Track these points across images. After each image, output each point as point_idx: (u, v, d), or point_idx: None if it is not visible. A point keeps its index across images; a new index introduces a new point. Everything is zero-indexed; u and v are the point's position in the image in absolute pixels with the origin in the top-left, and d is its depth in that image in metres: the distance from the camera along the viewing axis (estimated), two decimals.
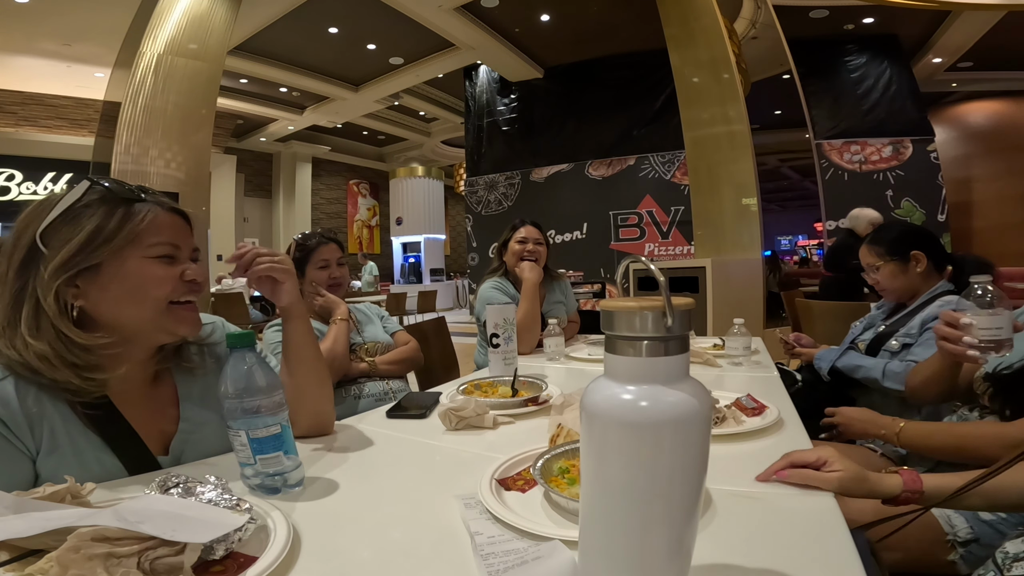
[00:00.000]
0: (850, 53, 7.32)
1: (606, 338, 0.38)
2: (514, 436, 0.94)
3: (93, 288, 0.71)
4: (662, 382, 0.35)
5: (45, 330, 0.68)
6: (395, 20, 6.53)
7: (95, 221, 0.70)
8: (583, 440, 0.38)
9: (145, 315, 0.74)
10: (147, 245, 0.73)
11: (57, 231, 0.69)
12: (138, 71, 4.38)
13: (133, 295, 0.72)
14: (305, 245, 1.59)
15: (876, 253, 1.47)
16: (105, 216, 0.70)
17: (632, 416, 0.35)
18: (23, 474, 0.67)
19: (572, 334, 2.09)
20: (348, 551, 0.55)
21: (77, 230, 0.69)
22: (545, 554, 0.49)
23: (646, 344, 0.35)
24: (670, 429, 0.35)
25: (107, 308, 0.72)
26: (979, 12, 6.14)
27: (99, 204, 0.71)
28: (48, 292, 0.67)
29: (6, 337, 0.68)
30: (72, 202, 0.70)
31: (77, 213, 0.70)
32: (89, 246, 0.69)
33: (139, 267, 0.72)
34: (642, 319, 0.35)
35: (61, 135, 7.87)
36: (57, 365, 0.67)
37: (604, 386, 0.37)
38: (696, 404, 0.35)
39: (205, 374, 0.86)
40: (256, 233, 11.65)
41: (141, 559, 0.45)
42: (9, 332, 0.68)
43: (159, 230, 0.74)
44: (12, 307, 0.69)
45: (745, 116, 4.44)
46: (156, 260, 0.74)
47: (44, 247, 0.68)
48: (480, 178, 8.81)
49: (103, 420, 0.72)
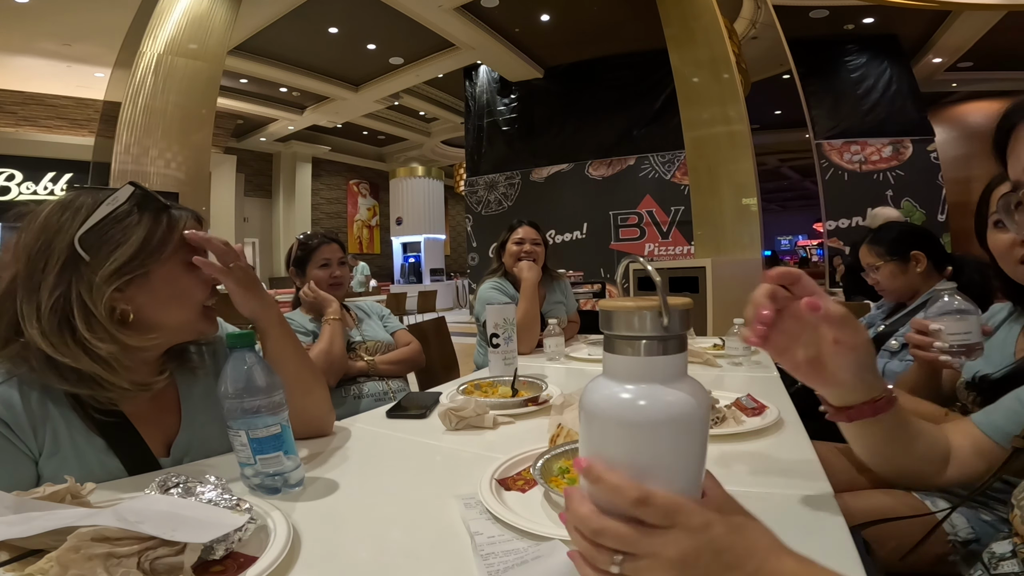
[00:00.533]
0: (850, 53, 7.32)
1: (605, 338, 0.38)
2: (514, 436, 0.94)
3: (141, 293, 0.71)
4: (660, 381, 0.35)
5: (102, 335, 0.67)
6: (395, 20, 6.53)
7: (145, 227, 0.71)
8: (582, 439, 0.39)
9: (186, 317, 0.77)
10: (187, 250, 0.76)
11: (101, 236, 0.68)
12: (138, 71, 4.38)
13: (178, 299, 0.75)
14: (307, 245, 1.60)
15: (876, 253, 1.47)
16: (153, 223, 0.72)
17: (630, 415, 0.35)
18: (25, 475, 0.67)
19: (572, 334, 2.09)
20: (348, 551, 0.55)
21: (127, 236, 0.69)
22: (545, 553, 0.49)
23: (644, 343, 0.36)
24: (668, 428, 0.35)
25: (153, 311, 0.73)
26: (979, 12, 6.14)
27: (141, 211, 0.72)
28: (100, 298, 0.67)
29: (54, 344, 0.65)
30: (115, 208, 0.70)
31: (120, 219, 0.70)
32: (142, 253, 0.70)
33: (182, 272, 0.75)
34: (640, 319, 0.35)
35: (61, 135, 7.88)
36: (118, 368, 0.68)
37: (603, 385, 0.37)
38: (694, 403, 0.35)
39: (206, 374, 0.87)
40: (256, 233, 11.65)
41: (141, 559, 0.45)
42: (57, 339, 0.66)
43: None
44: (57, 314, 0.66)
45: (745, 116, 4.44)
46: (191, 265, 0.76)
47: (84, 252, 0.67)
48: (480, 178, 8.81)
49: (108, 423, 0.72)
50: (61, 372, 0.67)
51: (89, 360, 0.66)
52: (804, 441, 0.83)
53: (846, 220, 7.19)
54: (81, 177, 7.59)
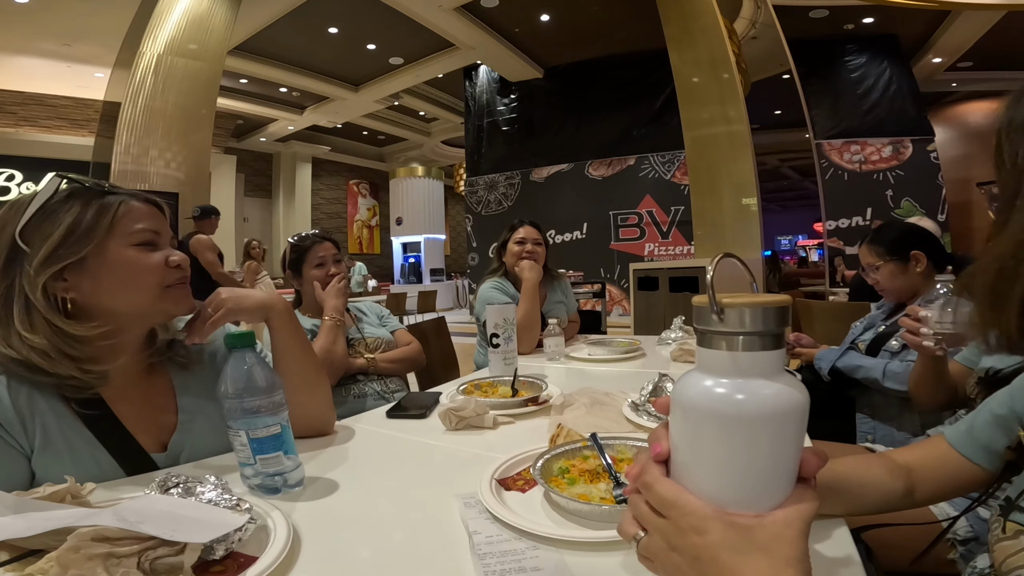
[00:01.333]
0: (850, 53, 7.33)
1: (699, 333, 0.38)
2: (514, 436, 0.94)
3: (84, 280, 0.72)
4: (758, 376, 0.35)
5: (39, 325, 0.69)
6: (395, 20, 6.53)
7: (72, 215, 0.71)
8: (673, 431, 0.38)
9: (142, 300, 0.76)
10: (127, 233, 0.74)
11: (36, 228, 0.70)
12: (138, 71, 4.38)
13: (127, 282, 0.74)
14: (299, 246, 1.59)
15: (876, 253, 1.47)
16: (81, 210, 0.72)
17: (727, 409, 0.35)
18: (19, 472, 0.67)
19: (572, 334, 2.09)
20: (348, 551, 0.55)
21: (56, 225, 0.70)
22: (545, 567, 0.49)
23: (742, 339, 0.35)
24: (767, 422, 0.35)
25: (102, 297, 0.74)
26: (979, 12, 6.14)
27: (74, 199, 0.73)
28: (36, 288, 0.68)
29: (0, 336, 0.68)
30: (46, 199, 0.71)
31: (53, 209, 0.71)
32: (70, 239, 0.70)
33: (125, 255, 0.74)
34: (740, 314, 0.35)
35: (61, 135, 7.87)
36: (56, 358, 0.68)
37: (697, 379, 0.37)
38: (797, 396, 0.35)
39: (201, 369, 0.87)
40: (256, 233, 11.63)
41: (141, 559, 0.45)
42: (3, 331, 0.69)
43: (137, 218, 0.76)
44: (2, 306, 0.69)
45: (745, 116, 4.44)
46: (139, 247, 0.75)
47: (25, 245, 0.69)
48: (480, 178, 8.82)
49: (95, 417, 0.73)
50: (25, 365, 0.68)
51: (27, 351, 0.68)
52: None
53: (846, 220, 7.20)
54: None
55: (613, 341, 1.84)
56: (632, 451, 0.72)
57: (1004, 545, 0.48)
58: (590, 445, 0.72)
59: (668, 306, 4.00)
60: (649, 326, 4.01)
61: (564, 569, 0.49)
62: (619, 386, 1.17)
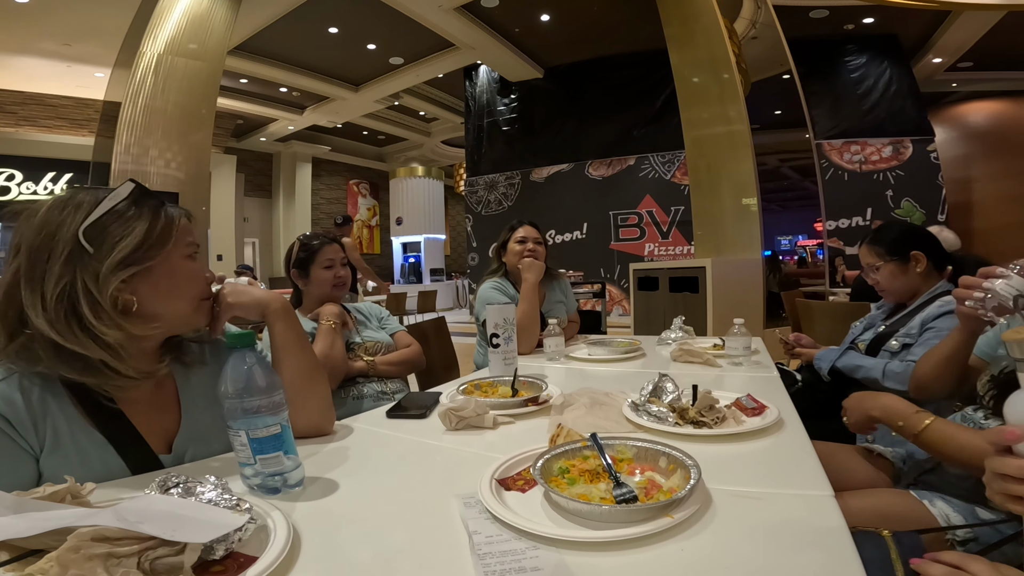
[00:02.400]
0: (850, 53, 7.33)
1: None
2: (514, 436, 0.94)
3: (144, 285, 0.74)
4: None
5: (108, 323, 0.70)
6: (395, 20, 6.53)
7: (145, 222, 0.74)
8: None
9: (185, 309, 0.80)
10: (184, 244, 0.79)
11: (104, 230, 0.71)
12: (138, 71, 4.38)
13: (177, 291, 0.79)
14: (309, 246, 1.59)
15: (876, 253, 1.47)
16: (153, 218, 0.75)
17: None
18: (26, 472, 0.67)
19: (572, 334, 2.09)
20: (348, 551, 0.55)
21: (128, 230, 0.72)
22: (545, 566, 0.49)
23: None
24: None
25: (154, 303, 0.75)
26: (979, 12, 6.15)
27: (140, 206, 0.75)
28: (106, 289, 0.69)
29: (61, 331, 0.68)
30: (117, 202, 0.73)
31: (123, 213, 0.73)
32: (144, 245, 0.73)
33: (181, 266, 0.79)
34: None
35: (61, 135, 7.87)
36: (123, 356, 0.71)
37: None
38: None
39: (206, 372, 0.87)
40: (256, 233, 11.65)
41: (141, 559, 0.45)
42: (63, 327, 0.68)
43: (189, 231, 0.81)
44: (63, 303, 0.68)
45: (745, 116, 4.44)
46: (189, 259, 0.80)
47: (88, 245, 0.70)
48: (480, 178, 8.82)
49: (107, 419, 0.73)
50: (68, 361, 0.68)
51: (97, 347, 0.69)
52: (804, 441, 0.83)
53: (846, 220, 7.20)
54: (81, 177, 7.59)
55: (613, 341, 1.84)
56: (632, 451, 0.72)
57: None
58: (590, 445, 0.72)
59: (668, 306, 4.00)
60: (649, 326, 4.01)
61: (564, 569, 0.49)
62: (619, 386, 1.17)
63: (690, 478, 0.61)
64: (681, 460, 0.66)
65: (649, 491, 0.62)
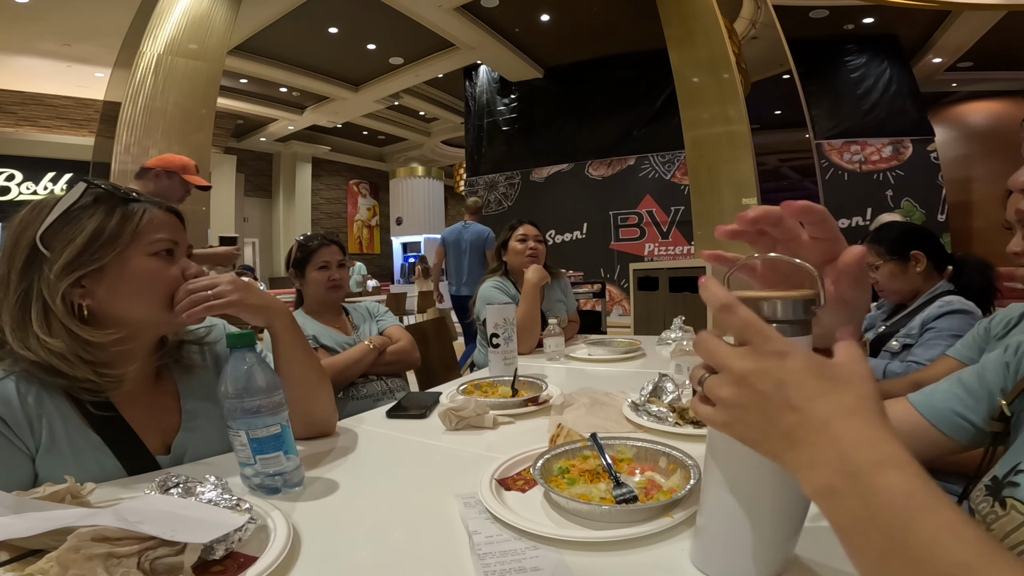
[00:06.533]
0: (850, 53, 7.32)
1: None
2: (514, 436, 0.94)
3: (100, 287, 0.72)
4: None
5: (57, 329, 0.69)
6: (395, 20, 6.53)
7: (95, 221, 0.71)
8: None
9: (151, 312, 0.75)
10: (148, 242, 0.74)
11: (57, 233, 0.70)
12: (138, 71, 4.37)
13: (142, 292, 0.74)
14: (306, 246, 1.60)
15: (876, 253, 1.47)
16: (105, 216, 0.71)
17: None
18: (22, 473, 0.67)
19: (572, 334, 2.09)
20: (348, 551, 0.55)
21: (78, 231, 0.70)
22: (544, 566, 0.49)
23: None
24: None
25: (116, 305, 0.73)
26: (979, 12, 6.14)
27: (97, 205, 0.72)
28: (56, 293, 0.68)
29: (18, 338, 0.68)
30: (70, 204, 0.71)
31: (76, 214, 0.71)
32: (92, 246, 0.70)
33: (144, 264, 0.74)
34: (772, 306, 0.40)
35: (61, 135, 7.87)
36: (75, 362, 0.68)
37: None
38: None
39: (206, 373, 0.87)
40: (256, 233, 11.65)
41: (141, 559, 0.45)
42: (20, 333, 0.68)
43: (158, 227, 0.75)
44: (20, 309, 0.69)
45: (745, 116, 4.44)
46: (157, 257, 0.75)
47: (45, 249, 0.69)
48: (480, 178, 8.81)
49: (103, 420, 0.73)
50: (42, 367, 0.68)
51: (46, 353, 0.67)
52: None
53: (846, 220, 7.19)
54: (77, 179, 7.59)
55: (613, 341, 1.84)
56: (632, 451, 0.72)
57: (1002, 523, 0.48)
58: (590, 445, 0.72)
59: (668, 306, 4.00)
60: (649, 326, 4.00)
61: (564, 569, 0.49)
62: (619, 386, 1.17)
63: (690, 478, 0.61)
64: (681, 460, 0.66)
65: (649, 491, 0.62)
